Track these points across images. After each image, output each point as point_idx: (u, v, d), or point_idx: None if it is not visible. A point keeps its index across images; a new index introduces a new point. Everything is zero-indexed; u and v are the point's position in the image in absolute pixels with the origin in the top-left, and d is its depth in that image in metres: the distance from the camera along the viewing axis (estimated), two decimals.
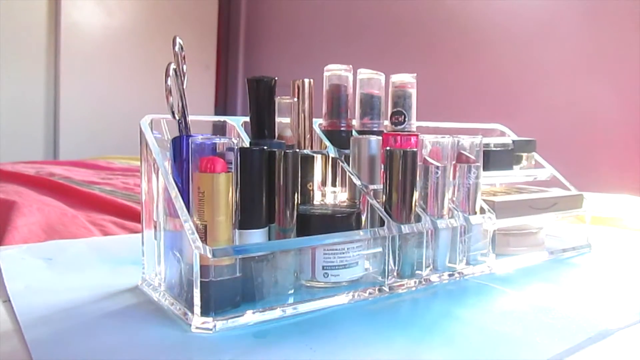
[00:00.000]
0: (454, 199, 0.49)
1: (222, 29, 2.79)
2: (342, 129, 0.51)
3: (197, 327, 0.34)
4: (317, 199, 0.49)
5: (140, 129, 0.42)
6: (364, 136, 0.47)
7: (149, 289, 0.42)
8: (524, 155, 0.64)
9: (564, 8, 1.59)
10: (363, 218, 0.45)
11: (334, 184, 0.50)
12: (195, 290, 0.34)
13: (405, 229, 0.43)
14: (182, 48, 0.41)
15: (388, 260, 0.43)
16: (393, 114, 0.53)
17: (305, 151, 0.48)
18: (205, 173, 0.36)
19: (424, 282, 0.45)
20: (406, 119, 0.52)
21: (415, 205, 0.45)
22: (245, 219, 0.38)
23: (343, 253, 0.42)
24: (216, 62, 2.76)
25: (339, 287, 0.42)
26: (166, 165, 0.40)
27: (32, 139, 2.23)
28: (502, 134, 0.70)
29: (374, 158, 0.47)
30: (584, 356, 0.33)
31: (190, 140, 0.38)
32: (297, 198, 0.41)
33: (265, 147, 0.40)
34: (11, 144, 2.05)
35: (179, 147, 0.39)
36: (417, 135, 0.46)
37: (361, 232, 0.43)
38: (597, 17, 1.52)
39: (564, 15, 1.60)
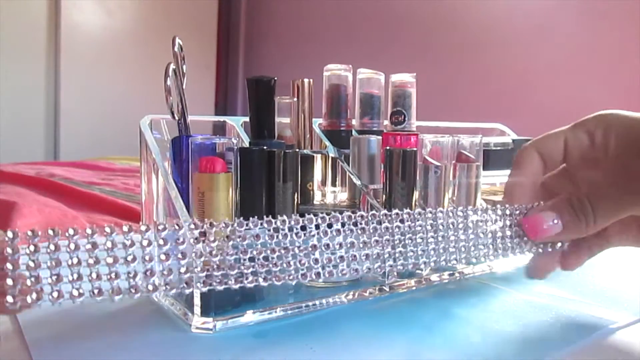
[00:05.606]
0: (454, 198, 0.49)
1: (222, 29, 2.80)
2: (341, 128, 0.51)
3: (197, 327, 0.34)
4: (317, 198, 0.49)
5: (140, 129, 0.42)
6: (364, 136, 0.47)
7: None
8: None
9: (563, 7, 1.59)
10: None
11: (333, 184, 0.50)
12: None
13: None
14: (181, 48, 0.41)
15: None
16: (393, 113, 0.53)
17: (305, 151, 0.48)
18: (205, 173, 0.36)
19: (424, 282, 0.45)
20: (406, 119, 0.52)
21: (415, 205, 0.45)
22: (245, 219, 0.38)
23: None
24: (216, 62, 2.77)
25: (339, 287, 0.42)
26: (166, 165, 0.40)
27: (33, 139, 2.23)
28: (502, 133, 0.70)
29: (373, 158, 0.47)
30: (585, 355, 0.33)
31: (189, 141, 0.38)
32: (297, 198, 0.41)
33: (264, 147, 0.40)
34: (11, 145, 2.05)
35: (179, 148, 0.39)
36: (416, 135, 0.46)
37: None
38: (597, 16, 1.52)
39: (564, 15, 1.60)
